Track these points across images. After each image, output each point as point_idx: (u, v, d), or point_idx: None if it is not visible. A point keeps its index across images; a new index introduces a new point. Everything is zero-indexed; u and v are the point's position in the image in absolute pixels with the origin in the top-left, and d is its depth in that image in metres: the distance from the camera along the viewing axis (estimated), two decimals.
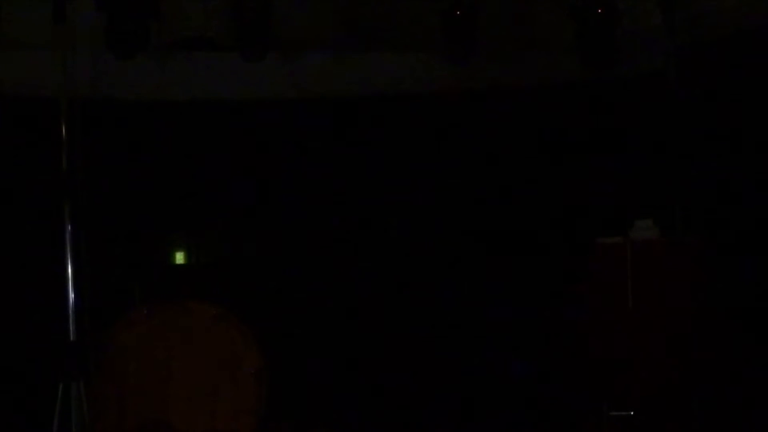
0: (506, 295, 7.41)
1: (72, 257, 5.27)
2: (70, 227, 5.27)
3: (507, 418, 7.20)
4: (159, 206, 7.32)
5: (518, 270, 7.42)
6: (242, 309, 6.30)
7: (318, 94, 7.48)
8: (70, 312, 5.27)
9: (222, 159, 7.44)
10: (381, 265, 7.51)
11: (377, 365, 7.36)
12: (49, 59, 5.45)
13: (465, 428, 7.27)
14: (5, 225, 6.75)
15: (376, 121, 7.55)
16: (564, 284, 6.98)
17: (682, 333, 6.27)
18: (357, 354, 7.34)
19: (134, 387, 6.03)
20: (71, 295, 5.28)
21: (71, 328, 5.26)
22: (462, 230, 7.57)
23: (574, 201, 7.44)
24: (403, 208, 7.56)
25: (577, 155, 7.49)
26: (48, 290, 5.71)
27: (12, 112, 6.74)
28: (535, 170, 7.56)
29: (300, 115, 7.51)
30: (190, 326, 6.17)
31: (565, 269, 7.00)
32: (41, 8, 5.65)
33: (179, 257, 7.46)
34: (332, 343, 7.31)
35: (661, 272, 6.38)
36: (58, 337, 5.32)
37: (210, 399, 6.06)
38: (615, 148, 7.37)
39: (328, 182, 7.52)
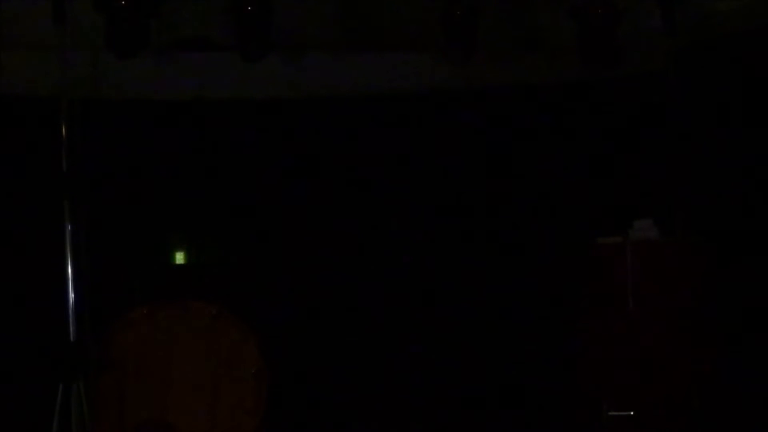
0: (505, 295, 7.40)
1: (72, 257, 5.26)
2: (70, 227, 5.27)
3: (507, 418, 7.20)
4: (159, 206, 7.32)
5: (517, 270, 7.41)
6: (242, 309, 6.30)
7: (318, 94, 7.48)
8: (70, 312, 5.26)
9: (222, 159, 7.44)
10: (380, 264, 7.50)
11: (378, 365, 7.36)
12: (49, 59, 5.45)
13: (465, 428, 7.27)
14: (5, 225, 6.75)
15: (376, 121, 7.55)
16: (564, 284, 6.98)
17: (682, 333, 6.27)
18: (357, 354, 7.34)
19: (134, 387, 6.04)
20: (71, 295, 5.27)
21: (71, 328, 5.26)
22: (461, 230, 7.56)
23: (574, 201, 7.43)
24: (403, 207, 7.56)
25: (577, 155, 7.49)
26: (48, 290, 5.71)
27: (12, 112, 6.74)
28: (535, 170, 7.55)
29: (300, 115, 7.50)
30: (190, 326, 6.18)
31: (565, 269, 7.00)
32: (41, 8, 5.64)
33: (179, 257, 7.46)
34: (332, 343, 7.31)
35: (661, 272, 6.38)
36: (58, 337, 5.32)
37: (210, 399, 6.06)
38: (615, 148, 7.37)
39: (328, 182, 7.52)
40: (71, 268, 5.27)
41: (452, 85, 7.47)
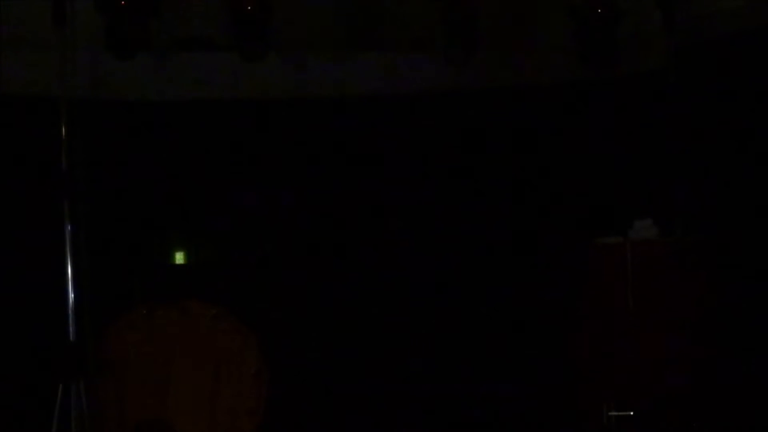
0: (505, 295, 7.41)
1: (72, 257, 5.26)
2: (70, 227, 5.27)
3: (506, 418, 7.20)
4: (159, 206, 7.32)
5: (517, 270, 7.41)
6: (242, 309, 6.30)
7: (318, 94, 7.48)
8: (70, 312, 5.27)
9: (222, 159, 7.44)
10: (381, 265, 7.50)
11: (378, 365, 7.36)
12: (49, 59, 5.45)
13: (464, 428, 7.27)
14: (5, 225, 6.75)
15: (376, 121, 7.55)
16: (564, 284, 6.98)
17: (682, 333, 6.27)
18: (357, 354, 7.34)
19: (134, 387, 6.03)
20: (71, 295, 5.27)
21: (71, 328, 5.26)
22: (461, 230, 7.56)
23: (574, 201, 7.43)
24: (403, 208, 7.56)
25: (577, 155, 7.49)
26: (48, 290, 5.71)
27: (12, 112, 6.74)
28: (535, 170, 7.55)
29: (300, 115, 7.51)
30: (190, 326, 6.17)
31: (565, 269, 7.00)
32: (41, 8, 5.64)
33: (179, 257, 7.46)
34: (332, 344, 7.31)
35: (661, 272, 6.38)
36: (58, 337, 5.32)
37: (210, 399, 6.05)
38: (615, 148, 7.37)
39: (328, 182, 7.52)
40: (71, 268, 5.27)
41: (452, 85, 7.47)
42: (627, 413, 6.27)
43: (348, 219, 7.52)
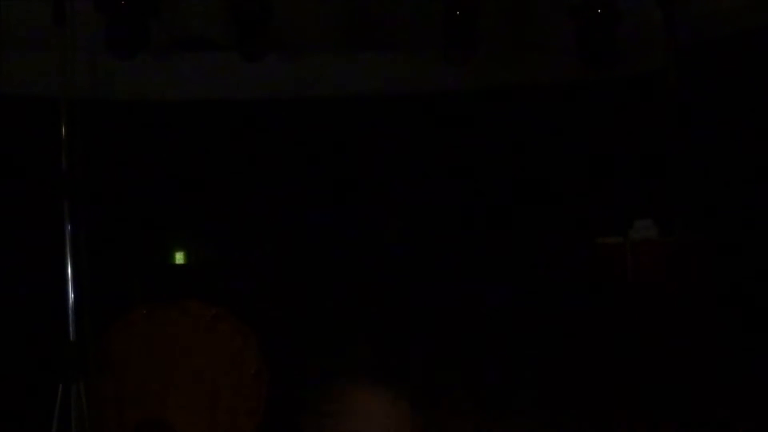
0: (505, 295, 7.40)
1: (72, 257, 5.26)
2: (69, 227, 5.27)
3: (506, 418, 7.19)
4: (159, 206, 7.33)
5: (518, 270, 7.41)
6: (242, 309, 6.30)
7: (318, 94, 7.48)
8: (70, 312, 5.26)
9: (222, 159, 7.44)
10: (381, 264, 7.50)
11: (378, 365, 7.36)
12: (49, 59, 5.44)
13: (465, 428, 7.26)
14: (5, 225, 6.75)
15: (376, 121, 7.55)
16: (564, 284, 6.98)
17: (682, 333, 6.27)
18: (358, 354, 7.34)
19: (134, 387, 6.04)
20: (71, 295, 5.27)
21: (71, 328, 5.26)
22: (461, 230, 7.56)
23: (574, 201, 7.43)
24: (403, 207, 7.56)
25: (578, 155, 7.49)
26: (48, 290, 5.71)
27: (12, 112, 6.74)
28: (535, 170, 7.55)
29: (300, 115, 7.51)
30: (190, 326, 6.18)
31: (565, 269, 7.00)
32: (41, 8, 5.64)
33: (179, 257, 7.46)
34: (332, 344, 7.31)
35: (661, 272, 6.38)
36: (58, 337, 5.32)
37: (210, 399, 6.06)
38: (615, 148, 7.37)
39: (328, 182, 7.52)
40: (71, 268, 5.27)
41: (452, 85, 7.47)
42: (627, 413, 6.28)
43: (348, 219, 7.52)
